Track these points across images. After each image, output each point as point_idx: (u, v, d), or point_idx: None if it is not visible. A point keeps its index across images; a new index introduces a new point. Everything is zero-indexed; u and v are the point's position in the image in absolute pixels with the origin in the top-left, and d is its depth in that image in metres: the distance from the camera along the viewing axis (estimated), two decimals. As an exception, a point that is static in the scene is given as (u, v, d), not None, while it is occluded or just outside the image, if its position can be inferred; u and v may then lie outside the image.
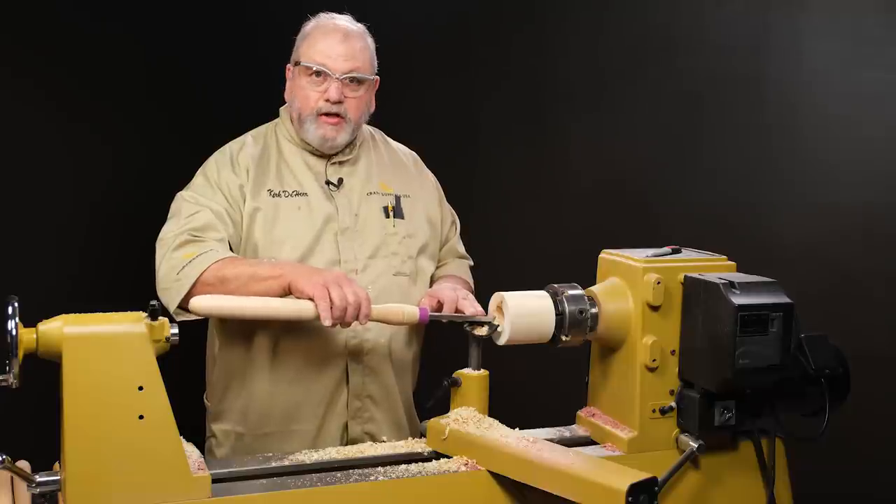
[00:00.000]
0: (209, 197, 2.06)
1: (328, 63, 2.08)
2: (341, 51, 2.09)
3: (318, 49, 2.09)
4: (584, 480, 1.52)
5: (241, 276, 1.89)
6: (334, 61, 2.08)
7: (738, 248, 1.99)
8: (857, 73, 2.52)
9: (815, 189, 2.62)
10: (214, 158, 2.14)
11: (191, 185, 2.11)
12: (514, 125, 3.59)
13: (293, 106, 2.14)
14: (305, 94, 2.10)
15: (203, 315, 1.86)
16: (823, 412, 1.77)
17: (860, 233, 2.52)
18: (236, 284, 1.89)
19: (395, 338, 2.15)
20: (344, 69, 2.08)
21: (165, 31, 3.92)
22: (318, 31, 2.13)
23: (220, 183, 2.08)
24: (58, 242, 3.63)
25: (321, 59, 2.08)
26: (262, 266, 1.92)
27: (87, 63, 3.68)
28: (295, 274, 1.85)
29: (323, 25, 2.14)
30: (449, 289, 2.03)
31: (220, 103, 3.90)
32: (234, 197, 2.07)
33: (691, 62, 2.96)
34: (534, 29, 3.48)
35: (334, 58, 2.08)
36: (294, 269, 1.88)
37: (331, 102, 2.08)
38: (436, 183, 2.36)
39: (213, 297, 1.80)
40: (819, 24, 2.62)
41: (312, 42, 2.11)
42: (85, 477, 1.42)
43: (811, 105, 2.64)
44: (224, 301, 1.80)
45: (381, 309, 1.85)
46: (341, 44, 2.09)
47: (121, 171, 3.82)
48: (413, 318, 1.86)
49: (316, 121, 2.10)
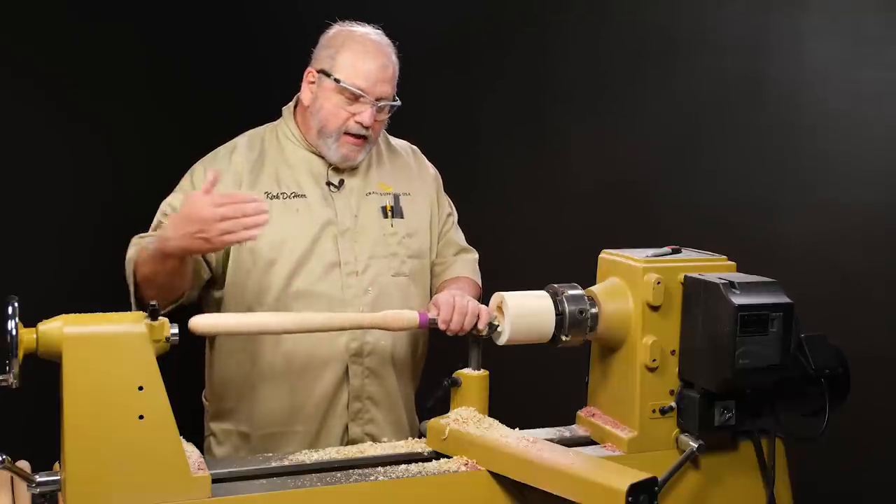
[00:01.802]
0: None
1: (367, 88, 2.04)
2: (381, 76, 2.05)
3: (358, 70, 2.04)
4: (584, 480, 1.52)
5: (150, 264, 1.88)
6: (373, 86, 2.04)
7: (738, 248, 1.99)
8: (856, 73, 2.52)
9: (816, 189, 2.62)
10: (202, 162, 2.12)
11: (176, 190, 2.09)
12: (515, 125, 3.59)
13: (316, 117, 2.08)
14: (335, 111, 2.06)
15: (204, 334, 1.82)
16: (823, 412, 1.77)
17: (860, 233, 2.52)
18: (149, 270, 1.89)
19: (399, 340, 2.14)
20: (380, 94, 2.06)
21: (165, 31, 3.91)
22: (358, 50, 2.06)
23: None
24: (58, 242, 3.62)
25: (362, 83, 2.04)
26: (149, 244, 1.90)
27: (87, 63, 3.68)
28: (167, 237, 1.82)
29: (361, 43, 2.08)
30: (446, 296, 1.99)
31: (220, 103, 3.89)
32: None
33: (691, 62, 2.96)
34: (535, 30, 3.48)
35: (373, 82, 2.04)
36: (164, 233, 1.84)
37: (362, 126, 2.05)
38: (436, 175, 2.34)
39: (213, 316, 1.77)
40: (819, 24, 2.62)
41: (351, 60, 2.05)
42: (85, 477, 1.42)
43: (811, 105, 2.64)
44: (224, 319, 1.78)
45: (380, 316, 1.83)
46: (381, 69, 2.06)
47: (121, 170, 3.82)
48: (412, 323, 1.85)
49: (339, 139, 2.07)
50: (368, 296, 2.08)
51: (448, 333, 1.87)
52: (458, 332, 1.86)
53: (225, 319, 1.75)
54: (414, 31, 3.73)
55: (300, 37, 2.27)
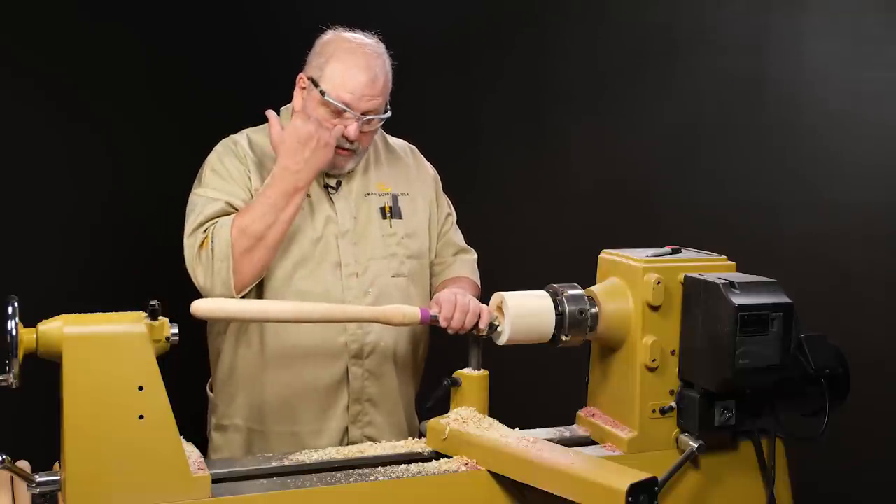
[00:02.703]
0: (219, 188, 2.04)
1: (352, 103, 2.01)
2: (368, 91, 2.02)
3: (344, 84, 2.01)
4: (584, 480, 1.52)
5: (266, 216, 1.93)
6: (359, 101, 2.02)
7: (738, 248, 1.99)
8: (857, 73, 2.52)
9: (816, 189, 2.62)
10: (216, 151, 2.12)
11: (200, 181, 2.08)
12: (515, 125, 3.59)
13: None
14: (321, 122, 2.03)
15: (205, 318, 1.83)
16: (823, 412, 1.77)
17: (860, 233, 2.52)
18: (262, 225, 1.93)
19: (400, 341, 2.13)
20: (366, 108, 2.03)
21: (166, 31, 3.92)
22: (347, 61, 2.03)
23: (229, 170, 2.06)
24: (58, 242, 3.63)
25: (347, 97, 2.01)
26: (264, 195, 1.95)
27: (87, 63, 3.68)
28: (284, 163, 1.95)
29: (352, 53, 2.04)
30: (448, 294, 2.00)
31: (220, 103, 3.89)
32: (244, 181, 2.05)
33: (691, 62, 2.96)
34: (535, 30, 3.48)
35: (359, 97, 2.01)
36: (280, 163, 1.96)
37: (347, 140, 2.04)
38: (435, 174, 2.33)
39: (214, 301, 1.78)
40: (819, 24, 2.62)
41: (339, 72, 2.02)
42: (85, 477, 1.42)
43: (811, 105, 2.64)
44: (225, 304, 1.79)
45: (380, 310, 1.83)
46: (369, 84, 2.02)
47: (121, 171, 3.82)
48: (414, 318, 1.84)
49: None
50: (368, 297, 2.08)
51: (449, 331, 1.87)
52: (459, 330, 1.86)
53: (226, 305, 1.77)
54: (414, 30, 3.75)
55: (300, 37, 2.26)
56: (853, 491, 2.50)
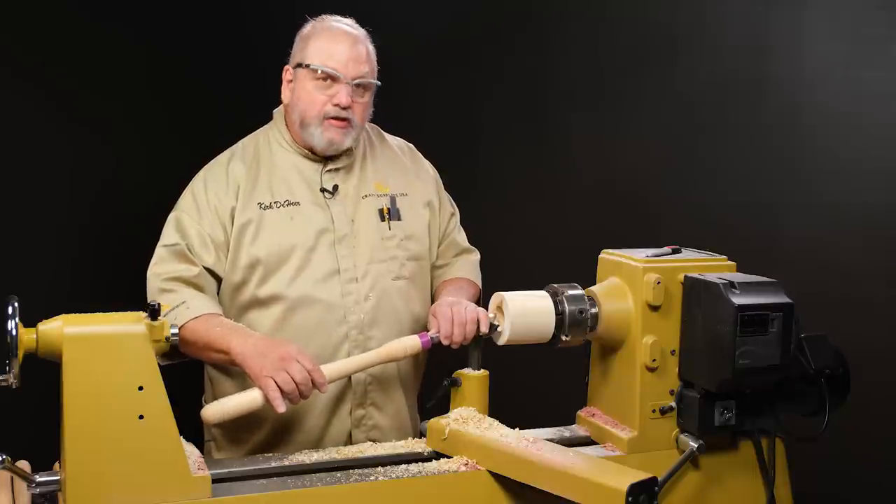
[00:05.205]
0: (195, 220, 2.03)
1: (339, 68, 2.04)
2: (352, 55, 2.06)
3: (329, 53, 2.06)
4: (584, 480, 1.52)
5: (199, 342, 1.92)
6: (345, 66, 2.05)
7: (738, 248, 1.99)
8: (857, 73, 2.52)
9: (816, 189, 2.62)
10: (203, 175, 2.11)
11: (179, 205, 2.08)
12: (515, 125, 3.59)
13: (296, 109, 2.09)
14: (312, 97, 2.06)
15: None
16: (823, 412, 1.77)
17: (860, 233, 2.52)
18: (194, 349, 1.94)
19: None
20: (354, 74, 2.06)
21: (166, 31, 3.92)
22: (326, 35, 2.09)
23: (208, 203, 2.04)
24: (58, 242, 3.62)
25: (332, 63, 2.05)
26: (217, 337, 1.91)
27: (87, 63, 3.68)
28: (242, 355, 1.85)
29: (329, 28, 2.11)
30: (444, 308, 1.98)
31: (220, 103, 3.90)
32: (222, 215, 2.04)
33: (692, 62, 2.96)
34: (535, 28, 3.48)
35: (345, 62, 2.05)
36: (243, 348, 1.86)
37: (340, 107, 2.05)
38: (435, 173, 2.32)
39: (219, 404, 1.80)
40: (820, 24, 2.62)
41: (321, 45, 2.07)
42: (85, 477, 1.42)
43: (812, 105, 2.64)
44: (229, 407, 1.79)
45: (383, 351, 1.88)
46: (351, 48, 2.07)
47: (121, 171, 3.82)
48: (416, 348, 1.88)
49: (322, 124, 2.06)
50: (369, 302, 2.07)
51: (452, 347, 1.90)
52: (462, 342, 1.88)
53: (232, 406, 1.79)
54: (415, 30, 3.75)
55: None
56: (853, 491, 2.50)
